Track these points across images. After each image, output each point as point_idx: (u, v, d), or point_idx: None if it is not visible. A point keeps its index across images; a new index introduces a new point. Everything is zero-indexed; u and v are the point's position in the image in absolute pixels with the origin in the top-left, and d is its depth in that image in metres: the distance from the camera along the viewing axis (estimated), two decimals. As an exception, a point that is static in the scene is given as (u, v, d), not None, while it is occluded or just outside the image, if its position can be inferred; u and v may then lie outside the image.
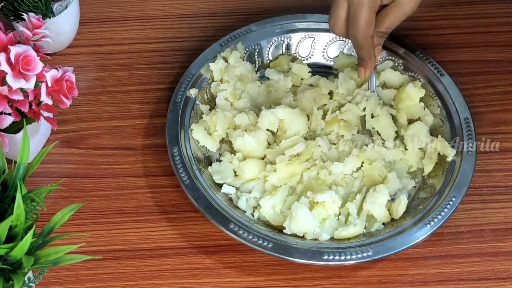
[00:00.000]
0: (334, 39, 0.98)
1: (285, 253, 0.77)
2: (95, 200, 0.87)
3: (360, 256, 0.77)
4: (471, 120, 0.87)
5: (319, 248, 0.78)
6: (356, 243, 0.79)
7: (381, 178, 0.86)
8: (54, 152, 0.90)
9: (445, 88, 0.91)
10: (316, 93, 0.92)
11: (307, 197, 0.82)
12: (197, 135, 0.88)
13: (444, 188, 0.83)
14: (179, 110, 0.89)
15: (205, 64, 0.93)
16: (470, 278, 0.80)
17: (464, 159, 0.84)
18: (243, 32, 0.97)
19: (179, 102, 0.90)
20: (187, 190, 0.81)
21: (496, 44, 1.02)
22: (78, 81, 0.85)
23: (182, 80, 0.92)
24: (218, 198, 0.82)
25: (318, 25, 0.98)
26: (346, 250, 0.77)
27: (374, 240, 0.79)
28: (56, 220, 0.66)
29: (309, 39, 0.98)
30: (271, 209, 0.83)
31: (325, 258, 0.77)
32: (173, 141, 0.86)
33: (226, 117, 0.89)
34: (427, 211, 0.81)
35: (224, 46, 0.95)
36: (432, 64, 0.93)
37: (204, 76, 0.93)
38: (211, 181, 0.85)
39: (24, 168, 0.68)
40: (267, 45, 0.97)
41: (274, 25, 0.98)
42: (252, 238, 0.78)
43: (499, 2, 1.06)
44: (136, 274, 0.81)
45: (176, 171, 0.83)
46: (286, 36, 0.98)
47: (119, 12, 1.06)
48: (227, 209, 0.81)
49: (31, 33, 0.82)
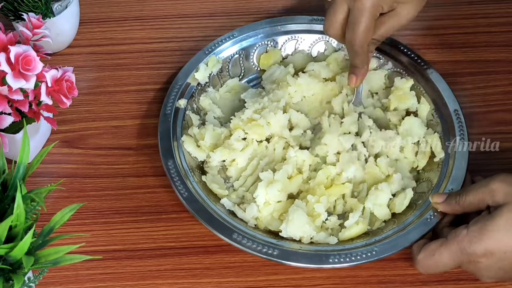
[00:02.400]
0: (318, 40, 0.98)
1: (290, 258, 0.77)
2: (95, 200, 0.87)
3: (364, 256, 0.77)
4: (461, 112, 0.88)
5: (325, 251, 0.78)
6: (360, 243, 0.79)
7: (384, 175, 0.86)
8: (54, 152, 0.90)
9: (433, 82, 0.91)
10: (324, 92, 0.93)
11: (306, 201, 0.83)
12: (188, 146, 0.88)
13: (441, 181, 0.83)
14: (170, 122, 0.88)
15: (190, 75, 0.93)
16: (470, 278, 0.80)
17: (457, 153, 0.84)
18: (227, 38, 0.97)
19: (169, 114, 0.89)
20: (187, 203, 0.81)
21: (496, 44, 1.02)
22: (78, 81, 0.85)
23: (170, 90, 0.91)
24: (218, 208, 0.82)
25: (300, 26, 0.98)
26: (352, 251, 0.78)
27: (379, 239, 0.79)
28: (56, 220, 0.66)
29: (293, 41, 0.98)
30: (270, 215, 0.83)
31: (330, 261, 0.77)
32: (167, 155, 0.85)
33: (216, 131, 0.89)
34: (426, 206, 0.81)
35: (208, 54, 0.95)
36: (416, 58, 0.93)
37: (192, 84, 0.93)
38: (208, 191, 0.85)
39: (24, 168, 0.68)
40: (251, 50, 0.97)
41: (256, 30, 0.98)
42: (257, 246, 0.78)
43: (499, 2, 1.06)
44: (136, 274, 0.81)
45: (173, 184, 0.83)
46: (270, 39, 0.98)
47: (119, 12, 1.06)
48: (228, 218, 0.81)
49: (31, 33, 0.82)
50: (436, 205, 0.79)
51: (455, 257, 0.73)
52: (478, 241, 0.71)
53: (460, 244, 0.72)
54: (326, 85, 0.93)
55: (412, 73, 0.93)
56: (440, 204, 0.79)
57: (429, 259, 0.75)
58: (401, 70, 0.94)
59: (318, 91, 0.93)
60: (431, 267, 0.75)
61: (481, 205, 0.75)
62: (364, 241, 0.79)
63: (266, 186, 0.83)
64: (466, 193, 0.76)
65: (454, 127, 0.87)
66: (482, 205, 0.75)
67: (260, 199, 0.82)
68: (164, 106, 0.90)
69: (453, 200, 0.77)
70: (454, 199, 0.77)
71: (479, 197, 0.75)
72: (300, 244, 0.80)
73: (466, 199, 0.76)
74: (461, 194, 0.77)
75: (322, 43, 0.98)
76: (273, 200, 0.83)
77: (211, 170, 0.87)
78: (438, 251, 0.74)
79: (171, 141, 0.87)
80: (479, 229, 0.72)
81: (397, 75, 0.94)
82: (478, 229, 0.72)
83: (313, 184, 0.84)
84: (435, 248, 0.74)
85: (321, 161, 0.87)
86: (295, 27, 0.98)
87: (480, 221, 0.72)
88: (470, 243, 0.72)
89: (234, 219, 0.81)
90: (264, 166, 0.87)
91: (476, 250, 0.71)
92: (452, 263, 0.74)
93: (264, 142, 0.89)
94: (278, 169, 0.85)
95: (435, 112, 0.90)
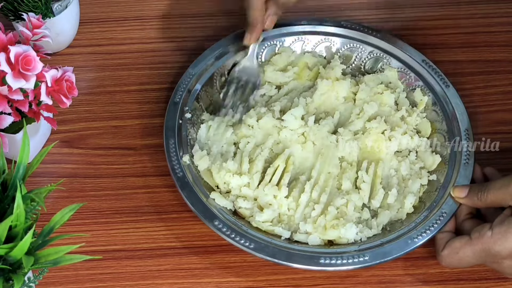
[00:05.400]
0: (321, 41, 0.98)
1: (292, 260, 0.77)
2: (95, 200, 0.87)
3: (366, 259, 0.78)
4: (470, 129, 0.88)
5: (325, 253, 0.78)
6: (372, 244, 0.79)
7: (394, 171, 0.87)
8: (54, 152, 0.90)
9: (447, 97, 0.91)
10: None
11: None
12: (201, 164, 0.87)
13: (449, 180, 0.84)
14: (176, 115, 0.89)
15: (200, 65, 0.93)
16: (470, 278, 0.80)
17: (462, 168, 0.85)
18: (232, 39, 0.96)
19: (177, 102, 0.89)
20: (198, 212, 0.81)
21: (496, 44, 1.02)
22: (78, 81, 0.85)
23: (174, 92, 0.91)
24: (221, 208, 0.82)
25: (304, 28, 0.98)
26: (362, 252, 0.78)
27: (385, 240, 0.79)
28: (56, 220, 0.66)
29: (300, 42, 0.98)
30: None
31: (332, 263, 0.77)
32: (174, 168, 0.84)
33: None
34: (434, 207, 0.81)
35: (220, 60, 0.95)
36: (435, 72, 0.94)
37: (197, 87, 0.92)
38: (210, 188, 0.85)
39: (24, 168, 0.68)
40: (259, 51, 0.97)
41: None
42: (257, 246, 0.77)
43: (499, 2, 1.06)
44: (136, 274, 0.81)
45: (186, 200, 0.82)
46: (277, 39, 0.98)
47: (119, 12, 1.06)
48: (230, 218, 0.81)
49: (31, 33, 0.82)
50: (458, 199, 0.81)
51: (479, 256, 0.75)
52: (503, 243, 0.73)
53: (485, 245, 0.74)
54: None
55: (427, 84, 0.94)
56: (462, 198, 0.80)
57: (453, 256, 0.76)
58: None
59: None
60: (454, 263, 0.77)
61: (503, 203, 0.77)
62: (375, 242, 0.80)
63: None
64: (487, 190, 0.78)
65: (460, 128, 0.88)
66: (504, 204, 0.77)
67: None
68: (166, 123, 0.88)
69: (475, 196, 0.79)
70: (476, 195, 0.79)
71: (500, 197, 0.77)
72: (302, 246, 0.80)
73: (488, 197, 0.78)
74: (483, 191, 0.78)
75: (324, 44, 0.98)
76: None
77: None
78: (463, 249, 0.75)
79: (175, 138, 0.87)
80: (504, 231, 0.73)
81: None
82: (503, 231, 0.73)
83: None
84: (459, 246, 0.76)
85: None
86: (301, 28, 0.98)
87: (504, 223, 0.74)
88: (495, 245, 0.73)
89: (238, 220, 0.81)
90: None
91: (500, 251, 0.73)
92: (475, 261, 0.76)
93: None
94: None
95: (440, 109, 0.90)
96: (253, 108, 0.91)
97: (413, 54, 0.94)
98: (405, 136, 0.88)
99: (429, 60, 0.94)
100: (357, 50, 0.97)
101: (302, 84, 0.95)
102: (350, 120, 0.90)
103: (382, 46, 0.96)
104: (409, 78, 0.94)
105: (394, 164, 0.87)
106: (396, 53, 0.95)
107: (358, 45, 0.97)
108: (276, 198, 0.83)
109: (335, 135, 0.88)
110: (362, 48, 0.97)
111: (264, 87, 0.95)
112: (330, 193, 0.84)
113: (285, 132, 0.88)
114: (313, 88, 0.93)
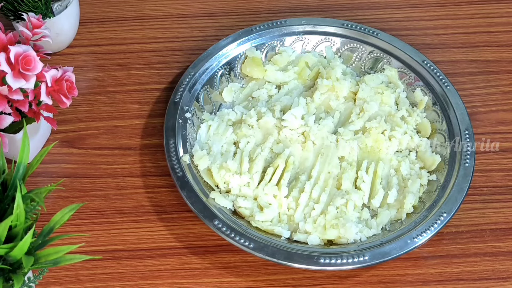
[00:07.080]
0: (321, 41, 0.98)
1: (293, 260, 0.77)
2: (95, 200, 0.87)
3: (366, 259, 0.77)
4: (471, 130, 0.88)
5: (325, 253, 0.78)
6: (371, 244, 0.79)
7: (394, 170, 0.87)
8: (54, 152, 0.90)
9: (448, 98, 0.91)
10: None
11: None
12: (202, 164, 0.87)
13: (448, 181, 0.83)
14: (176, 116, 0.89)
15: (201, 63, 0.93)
16: (470, 278, 0.80)
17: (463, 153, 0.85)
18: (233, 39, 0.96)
19: (177, 102, 0.90)
20: (200, 214, 0.80)
21: (496, 44, 1.02)
22: (78, 81, 0.85)
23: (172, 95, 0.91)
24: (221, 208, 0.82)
25: (304, 27, 0.98)
26: (362, 252, 0.78)
27: (385, 240, 0.79)
28: (56, 220, 0.66)
29: (300, 42, 0.98)
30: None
31: (333, 263, 0.77)
32: (174, 167, 0.84)
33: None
34: (434, 206, 0.81)
35: (222, 67, 0.95)
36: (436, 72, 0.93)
37: (198, 86, 0.93)
38: (210, 188, 0.85)
39: (24, 168, 0.68)
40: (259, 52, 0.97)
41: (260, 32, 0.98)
42: (257, 247, 0.77)
43: (499, 2, 1.06)
44: (136, 274, 0.81)
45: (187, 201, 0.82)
46: (278, 39, 0.98)
47: (119, 12, 1.06)
48: (231, 218, 0.81)
49: (31, 33, 0.82)
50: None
51: None
52: None
53: None
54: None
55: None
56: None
57: None
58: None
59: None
60: None
61: None
62: (376, 241, 0.79)
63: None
64: None
65: (459, 128, 0.88)
66: None
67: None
68: (166, 141, 0.88)
69: None
70: None
71: None
72: (302, 245, 0.80)
73: None
74: None
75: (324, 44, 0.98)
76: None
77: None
78: None
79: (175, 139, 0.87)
80: None
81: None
82: None
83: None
84: None
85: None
86: (301, 28, 0.99)
87: None
88: None
89: (237, 219, 0.81)
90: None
91: None
92: None
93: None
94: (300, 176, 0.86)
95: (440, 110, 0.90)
96: (253, 107, 0.91)
97: (413, 54, 0.95)
98: (405, 136, 0.88)
99: (429, 60, 0.94)
100: (357, 50, 0.97)
101: (302, 83, 0.96)
102: (350, 120, 0.90)
103: (382, 46, 0.96)
104: (409, 78, 0.94)
105: (394, 164, 0.87)
106: (396, 53, 0.95)
107: (358, 45, 0.97)
108: (276, 198, 0.83)
109: (335, 135, 0.88)
110: (362, 48, 0.97)
111: (265, 87, 0.95)
112: (330, 193, 0.84)
113: (285, 132, 0.89)
114: (314, 88, 0.94)
